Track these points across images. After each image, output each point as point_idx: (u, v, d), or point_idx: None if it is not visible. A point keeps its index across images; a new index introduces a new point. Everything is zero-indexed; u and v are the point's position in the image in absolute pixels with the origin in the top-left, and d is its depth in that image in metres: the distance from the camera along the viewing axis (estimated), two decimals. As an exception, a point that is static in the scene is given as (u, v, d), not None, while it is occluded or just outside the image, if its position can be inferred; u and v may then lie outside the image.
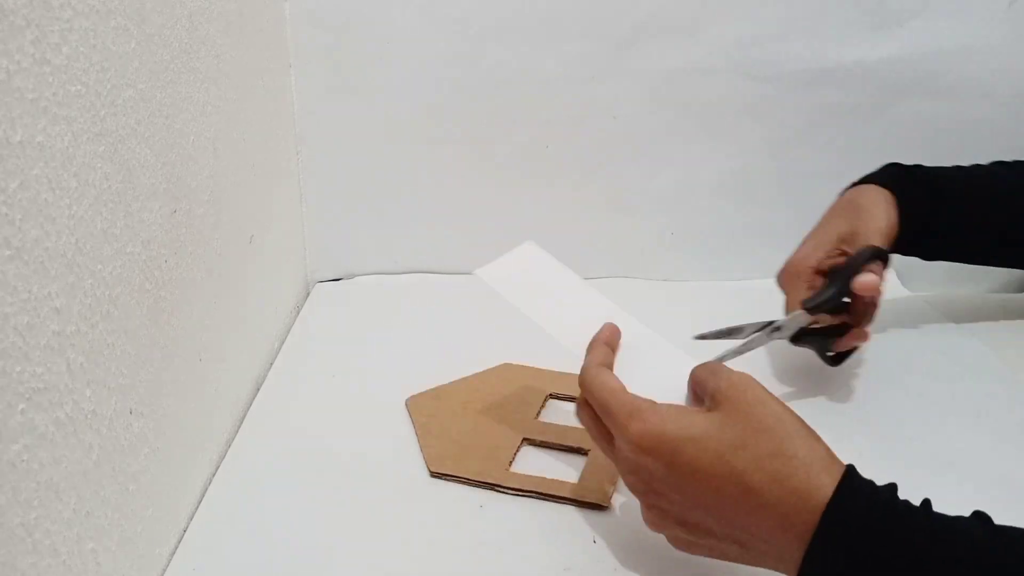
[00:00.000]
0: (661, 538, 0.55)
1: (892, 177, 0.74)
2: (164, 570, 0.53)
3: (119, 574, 0.48)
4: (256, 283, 0.76)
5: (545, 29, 0.86)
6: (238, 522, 0.57)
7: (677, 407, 0.49)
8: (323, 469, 0.63)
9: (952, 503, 0.46)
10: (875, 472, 0.59)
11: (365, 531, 0.56)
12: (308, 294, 0.93)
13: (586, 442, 0.64)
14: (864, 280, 0.66)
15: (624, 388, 0.51)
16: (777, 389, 0.72)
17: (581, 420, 0.55)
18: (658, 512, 0.49)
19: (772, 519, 0.44)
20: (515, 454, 0.65)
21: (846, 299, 0.68)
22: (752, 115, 0.89)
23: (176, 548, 0.55)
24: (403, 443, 0.65)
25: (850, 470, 0.45)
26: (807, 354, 0.72)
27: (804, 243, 0.72)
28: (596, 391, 0.52)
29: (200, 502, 0.59)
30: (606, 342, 0.57)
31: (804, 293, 0.69)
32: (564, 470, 0.62)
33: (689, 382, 0.54)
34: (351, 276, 0.96)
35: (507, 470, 0.63)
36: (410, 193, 0.93)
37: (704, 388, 0.50)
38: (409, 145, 0.91)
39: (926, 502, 0.45)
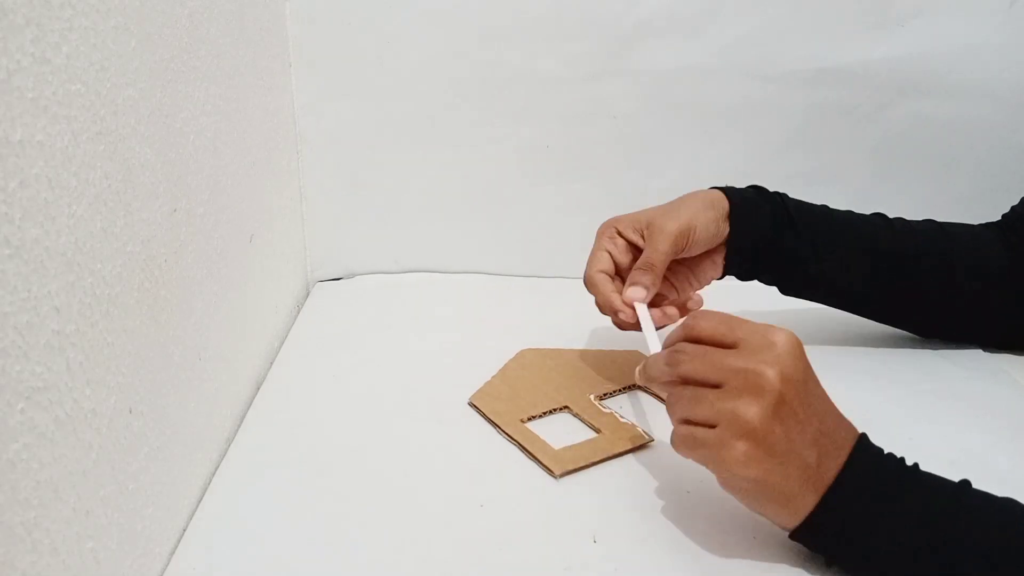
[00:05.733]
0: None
1: (740, 190, 0.74)
2: (164, 569, 0.53)
3: (119, 573, 0.48)
4: (256, 282, 0.76)
5: (545, 29, 0.86)
6: (238, 522, 0.57)
7: None
8: (323, 469, 0.63)
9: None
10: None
11: (364, 531, 0.56)
12: (308, 293, 0.93)
13: (607, 427, 0.66)
14: (629, 295, 0.68)
15: None
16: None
17: (680, 358, 0.53)
18: (774, 412, 0.49)
19: (839, 434, 0.51)
20: (544, 414, 0.68)
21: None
22: (752, 115, 0.90)
23: (176, 547, 0.55)
24: (403, 443, 0.65)
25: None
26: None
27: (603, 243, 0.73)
28: (714, 316, 0.53)
29: (200, 502, 0.59)
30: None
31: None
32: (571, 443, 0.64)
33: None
34: (351, 276, 0.96)
35: (520, 422, 0.65)
36: (410, 193, 0.93)
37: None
38: (409, 145, 0.91)
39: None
